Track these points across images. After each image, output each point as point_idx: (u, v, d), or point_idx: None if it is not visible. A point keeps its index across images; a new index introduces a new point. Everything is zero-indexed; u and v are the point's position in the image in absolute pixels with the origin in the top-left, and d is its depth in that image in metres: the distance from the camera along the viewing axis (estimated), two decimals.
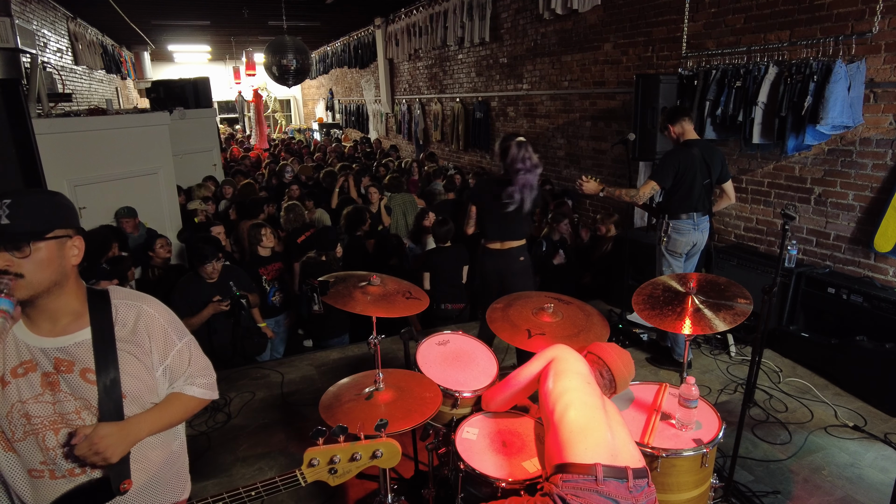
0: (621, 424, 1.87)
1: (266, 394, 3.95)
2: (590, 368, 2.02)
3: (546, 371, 2.01)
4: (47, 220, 1.33)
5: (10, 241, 1.27)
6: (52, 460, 1.40)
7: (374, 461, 1.54)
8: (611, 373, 2.03)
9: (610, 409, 1.90)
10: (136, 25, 11.51)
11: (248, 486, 1.48)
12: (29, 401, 1.37)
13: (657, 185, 3.82)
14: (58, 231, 1.34)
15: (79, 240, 1.41)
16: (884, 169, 3.85)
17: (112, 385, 1.40)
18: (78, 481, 1.43)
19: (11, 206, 1.28)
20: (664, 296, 2.54)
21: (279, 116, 21.39)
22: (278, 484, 1.49)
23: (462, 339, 2.79)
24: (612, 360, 2.04)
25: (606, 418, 1.83)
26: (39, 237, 1.31)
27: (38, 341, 1.39)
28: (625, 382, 2.05)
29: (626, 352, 2.10)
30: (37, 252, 1.31)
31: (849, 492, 2.88)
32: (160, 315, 1.53)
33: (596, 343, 2.15)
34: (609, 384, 2.02)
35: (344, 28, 13.81)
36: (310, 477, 1.50)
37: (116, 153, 5.23)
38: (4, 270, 1.27)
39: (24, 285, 1.30)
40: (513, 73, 8.17)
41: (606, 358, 2.05)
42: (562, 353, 2.04)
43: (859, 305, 3.79)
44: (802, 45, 4.17)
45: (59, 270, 1.36)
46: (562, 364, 1.99)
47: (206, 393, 1.62)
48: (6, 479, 1.41)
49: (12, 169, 3.15)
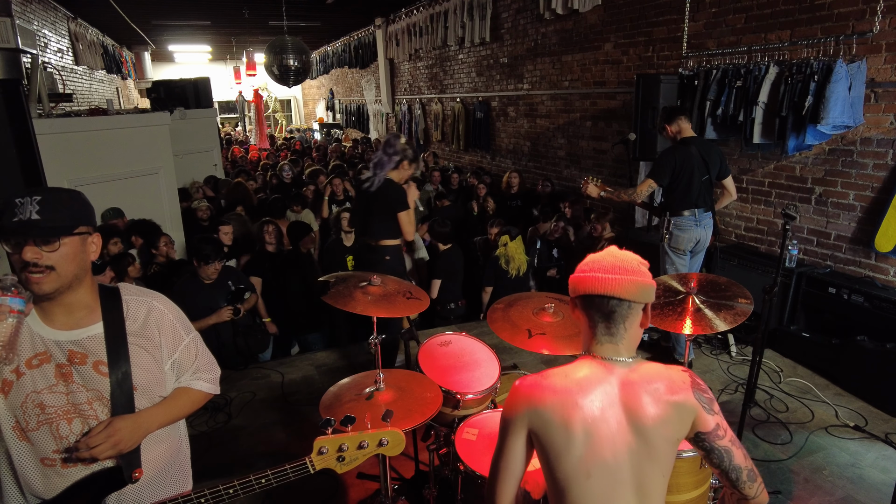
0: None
1: (266, 394, 3.95)
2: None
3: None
4: (74, 216, 1.39)
5: (41, 235, 1.33)
6: (65, 449, 1.45)
7: (380, 449, 1.59)
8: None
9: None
10: (137, 25, 11.51)
11: (259, 474, 1.51)
12: (43, 391, 1.43)
13: (654, 183, 3.85)
14: (82, 228, 1.41)
15: (97, 237, 1.48)
16: (884, 169, 3.85)
17: (124, 377, 1.46)
18: (89, 471, 1.48)
19: (42, 202, 1.33)
20: (665, 296, 2.54)
21: (280, 116, 21.38)
22: (288, 471, 1.52)
23: (464, 340, 2.79)
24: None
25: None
26: (68, 232, 1.37)
27: (53, 334, 1.44)
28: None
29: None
30: (64, 246, 1.36)
31: (850, 492, 2.88)
32: (169, 311, 1.60)
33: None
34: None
35: (344, 28, 13.80)
36: (318, 464, 1.55)
37: (117, 153, 5.23)
38: (34, 263, 1.33)
39: (54, 278, 1.36)
40: (513, 73, 8.17)
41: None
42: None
43: (860, 305, 3.79)
44: (803, 45, 4.16)
45: (82, 265, 1.42)
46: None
47: (212, 387, 1.70)
48: (18, 468, 1.46)
49: (13, 169, 3.16)
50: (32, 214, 1.31)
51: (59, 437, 1.44)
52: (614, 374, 1.33)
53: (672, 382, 1.33)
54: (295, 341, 4.85)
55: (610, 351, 1.34)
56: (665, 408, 1.29)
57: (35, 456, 1.45)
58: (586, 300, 1.36)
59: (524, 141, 8.15)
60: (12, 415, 1.42)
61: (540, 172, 7.70)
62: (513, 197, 6.87)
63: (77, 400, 1.44)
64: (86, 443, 1.38)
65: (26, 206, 1.31)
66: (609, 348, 1.34)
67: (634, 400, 1.30)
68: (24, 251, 1.32)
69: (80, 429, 1.45)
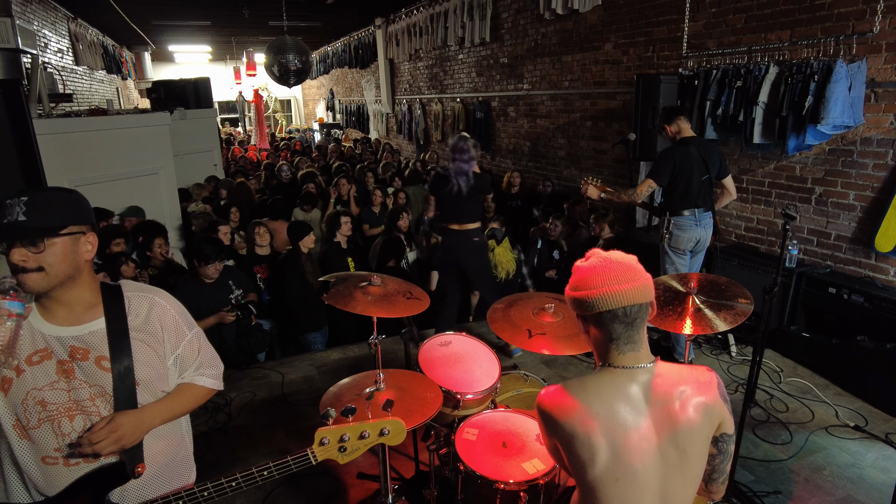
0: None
1: (266, 394, 3.95)
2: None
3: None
4: (61, 217, 1.38)
5: (27, 237, 1.33)
6: (67, 446, 1.45)
7: (381, 438, 1.59)
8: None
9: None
10: (137, 26, 11.51)
11: (261, 466, 1.51)
12: (44, 388, 1.42)
13: (654, 183, 3.85)
14: (72, 227, 1.39)
15: (92, 236, 1.47)
16: (885, 169, 3.85)
17: (126, 372, 1.46)
18: (92, 467, 1.48)
19: (28, 203, 1.33)
20: (665, 296, 2.54)
21: (280, 116, 21.39)
22: (290, 463, 1.52)
23: (464, 340, 2.79)
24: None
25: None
26: (53, 233, 1.36)
27: (54, 330, 1.44)
28: None
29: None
30: (51, 247, 1.36)
31: (850, 492, 2.88)
32: (171, 306, 1.60)
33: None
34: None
35: (344, 28, 13.80)
36: (320, 455, 1.54)
37: (117, 153, 5.23)
38: (22, 265, 1.33)
39: (43, 278, 1.36)
40: (513, 73, 8.17)
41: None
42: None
43: (860, 305, 3.79)
44: (803, 45, 4.16)
45: (73, 265, 1.41)
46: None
47: (214, 383, 1.70)
48: (21, 465, 1.46)
49: (13, 169, 3.16)
50: (19, 216, 1.31)
51: (61, 434, 1.44)
52: (637, 382, 1.31)
53: (699, 384, 1.32)
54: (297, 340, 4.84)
55: (632, 360, 1.32)
56: (694, 411, 1.29)
57: (37, 454, 1.45)
58: (606, 317, 1.31)
59: (524, 141, 8.15)
60: (13, 412, 1.42)
61: (540, 172, 7.70)
62: (513, 197, 6.87)
63: (79, 396, 1.44)
64: (88, 438, 1.38)
65: (13, 208, 1.31)
66: (631, 357, 1.32)
67: (663, 405, 1.29)
68: (12, 253, 1.32)
69: (81, 425, 1.45)
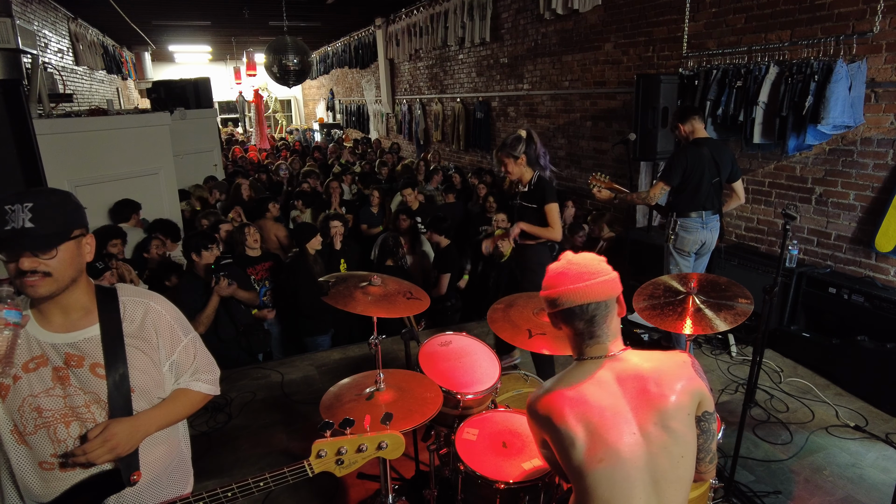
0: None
1: (267, 394, 3.95)
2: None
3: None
4: (68, 221, 1.38)
5: (38, 247, 1.31)
6: (63, 453, 1.44)
7: (379, 452, 1.59)
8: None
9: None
10: (137, 26, 11.51)
11: (258, 477, 1.50)
12: (40, 394, 1.42)
13: (666, 185, 3.84)
14: (76, 231, 1.40)
15: (91, 237, 1.47)
16: (885, 169, 3.85)
17: (121, 379, 1.45)
18: (88, 473, 1.46)
19: (34, 209, 1.30)
20: (665, 296, 2.54)
21: (280, 116, 21.39)
22: (286, 474, 1.52)
23: (464, 340, 2.78)
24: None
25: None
26: (65, 238, 1.36)
27: (50, 337, 1.43)
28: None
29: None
30: (61, 252, 1.36)
31: (850, 492, 2.88)
32: (167, 312, 1.59)
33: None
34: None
35: (344, 28, 13.80)
36: (317, 468, 1.54)
37: (117, 153, 5.23)
38: (33, 270, 1.32)
39: (51, 282, 1.35)
40: (513, 73, 8.16)
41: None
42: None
43: (860, 305, 3.79)
44: (803, 45, 4.16)
45: (77, 268, 1.42)
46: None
47: (211, 388, 1.68)
48: (17, 471, 1.45)
49: (13, 169, 3.16)
50: (25, 222, 1.28)
51: (57, 440, 1.43)
52: (606, 368, 1.41)
53: (674, 365, 1.41)
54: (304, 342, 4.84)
55: (599, 350, 1.43)
56: (671, 391, 1.36)
57: (33, 459, 1.44)
58: (567, 313, 1.43)
59: None
60: (10, 419, 1.41)
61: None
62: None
63: (74, 403, 1.43)
64: (82, 448, 1.37)
65: (18, 214, 1.28)
66: (598, 349, 1.43)
67: (636, 387, 1.37)
68: (21, 261, 1.30)
69: (77, 432, 1.44)
